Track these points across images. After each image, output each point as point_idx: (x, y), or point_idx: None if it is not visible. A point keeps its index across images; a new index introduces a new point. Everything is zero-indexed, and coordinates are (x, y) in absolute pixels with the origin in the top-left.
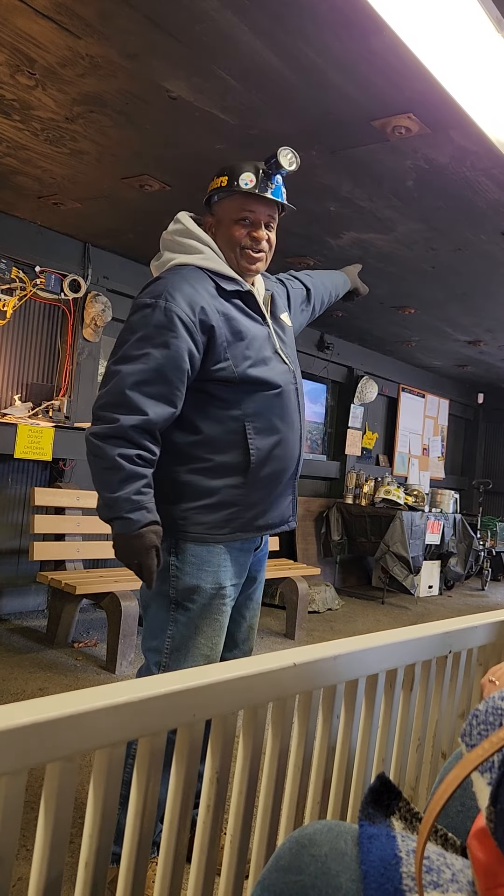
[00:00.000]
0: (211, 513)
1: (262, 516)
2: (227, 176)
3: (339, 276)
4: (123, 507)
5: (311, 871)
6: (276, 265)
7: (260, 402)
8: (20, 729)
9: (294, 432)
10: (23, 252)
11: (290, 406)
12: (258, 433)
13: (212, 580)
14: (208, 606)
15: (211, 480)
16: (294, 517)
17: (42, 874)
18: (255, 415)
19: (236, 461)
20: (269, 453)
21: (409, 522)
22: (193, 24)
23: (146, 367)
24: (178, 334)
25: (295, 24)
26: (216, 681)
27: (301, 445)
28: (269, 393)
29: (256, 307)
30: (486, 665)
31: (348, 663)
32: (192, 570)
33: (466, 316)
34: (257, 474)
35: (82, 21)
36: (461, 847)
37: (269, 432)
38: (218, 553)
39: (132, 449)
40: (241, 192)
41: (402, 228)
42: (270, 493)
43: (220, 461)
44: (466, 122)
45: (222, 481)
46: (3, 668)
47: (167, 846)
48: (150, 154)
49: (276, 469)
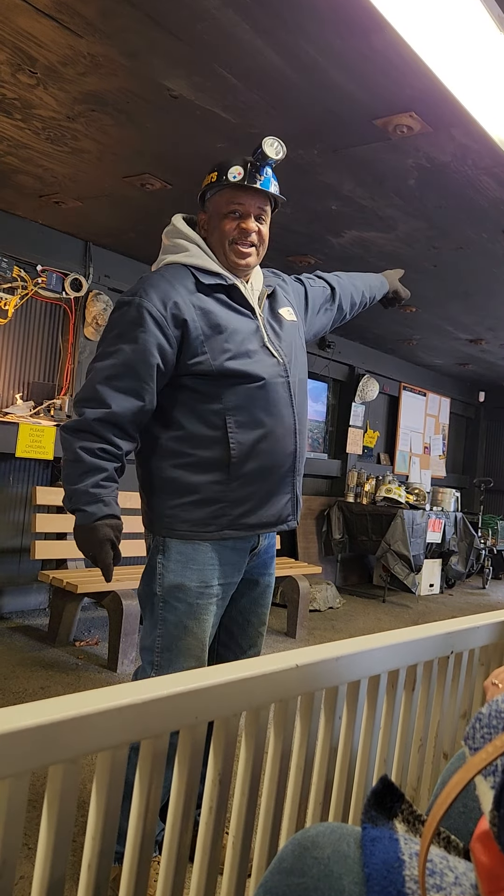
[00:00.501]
0: (195, 509)
1: (251, 514)
2: (216, 171)
3: (376, 279)
4: (81, 498)
5: (314, 873)
6: (278, 264)
7: (241, 396)
8: (22, 731)
9: (284, 427)
10: (24, 251)
11: (278, 400)
12: (240, 427)
13: (197, 578)
14: (195, 605)
15: (193, 476)
16: (295, 516)
17: (45, 875)
18: (236, 408)
19: (217, 456)
20: (252, 448)
21: (410, 521)
22: (194, 23)
23: (116, 361)
24: (147, 329)
25: (296, 22)
26: (218, 683)
27: (297, 441)
28: (251, 386)
29: (243, 301)
30: (489, 665)
31: (350, 664)
32: (178, 567)
33: (468, 314)
34: (240, 469)
35: (83, 20)
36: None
37: (251, 426)
38: (204, 551)
39: (95, 442)
40: (230, 184)
41: (404, 227)
42: (260, 490)
43: (202, 456)
44: (468, 120)
45: (204, 477)
46: (4, 667)
47: (170, 846)
48: (152, 153)
49: (262, 464)
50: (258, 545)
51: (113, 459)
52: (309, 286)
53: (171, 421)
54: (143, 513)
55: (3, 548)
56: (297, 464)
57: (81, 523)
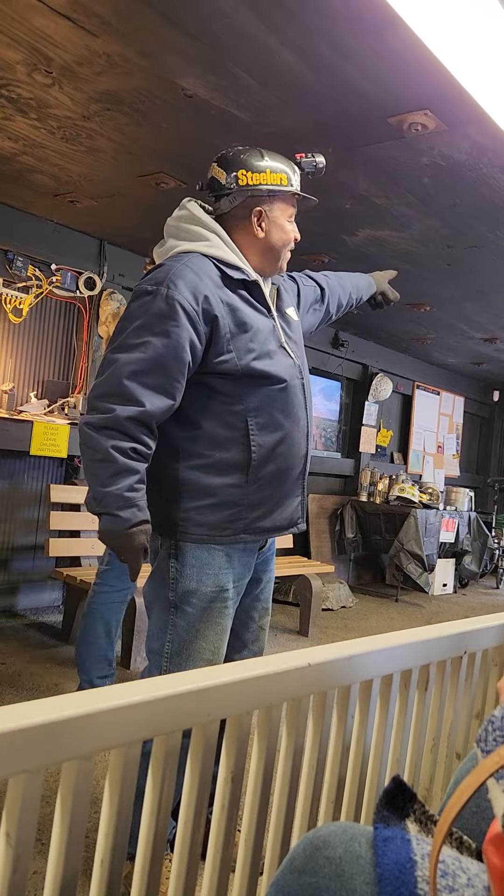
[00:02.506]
0: (212, 513)
1: (266, 517)
2: (285, 174)
3: (363, 279)
4: (114, 503)
5: (326, 873)
6: (292, 262)
7: (263, 397)
8: (36, 728)
9: (299, 429)
10: (39, 250)
11: (296, 402)
12: (261, 429)
13: (212, 583)
14: (209, 609)
15: (211, 478)
16: (303, 519)
17: (59, 871)
18: (257, 410)
19: (237, 458)
20: (272, 451)
21: (423, 520)
22: (210, 22)
23: (144, 356)
24: (180, 323)
25: (310, 20)
26: (231, 681)
27: (308, 443)
28: (274, 388)
29: (262, 299)
30: (502, 666)
31: (363, 663)
32: (193, 572)
33: (482, 313)
34: (259, 472)
35: (99, 19)
36: (476, 851)
37: (272, 429)
38: (219, 555)
39: (127, 441)
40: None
41: (418, 226)
42: (275, 494)
43: (220, 457)
44: (483, 118)
45: (222, 479)
46: (18, 664)
47: (182, 843)
48: (166, 152)
49: (280, 468)
50: (266, 544)
51: (144, 461)
52: (301, 284)
53: (188, 421)
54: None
55: (17, 545)
56: (306, 466)
57: (114, 528)
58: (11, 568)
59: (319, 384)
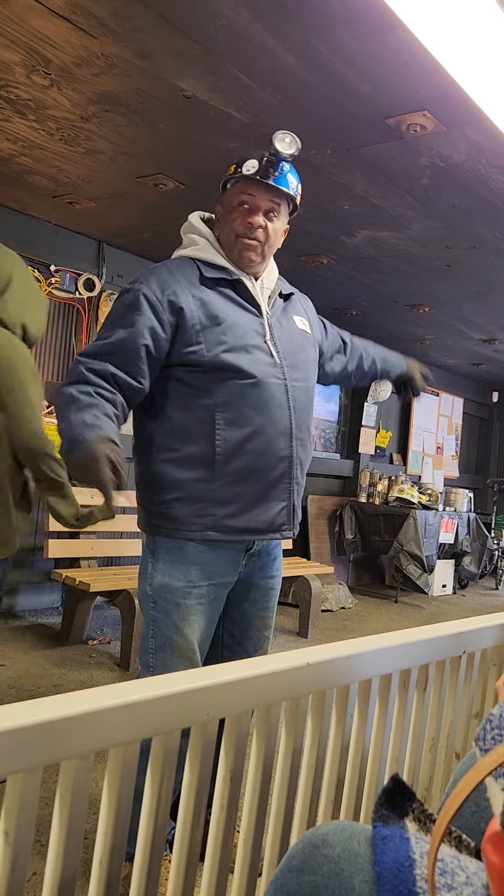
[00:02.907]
0: (179, 507)
1: (237, 517)
2: (235, 164)
3: (394, 355)
4: (76, 430)
5: (324, 871)
6: (291, 264)
7: (232, 392)
8: (35, 727)
9: (277, 429)
10: (38, 251)
11: (272, 401)
12: (228, 424)
13: (184, 578)
14: (183, 605)
15: (179, 471)
16: (290, 526)
17: (57, 871)
18: (225, 404)
19: (203, 452)
20: (238, 446)
21: (422, 521)
22: (208, 23)
23: (111, 341)
24: (142, 312)
25: (309, 21)
26: (230, 680)
27: (294, 447)
28: (244, 382)
29: (249, 297)
30: (501, 665)
31: (362, 663)
32: (165, 567)
33: (481, 314)
34: (225, 467)
35: (97, 20)
36: (475, 849)
37: (240, 424)
38: (191, 551)
39: (89, 386)
40: (244, 177)
41: (417, 227)
42: (247, 493)
43: (188, 451)
44: (482, 119)
45: (189, 473)
46: (18, 665)
47: (181, 844)
48: (165, 153)
49: (250, 465)
50: (253, 546)
51: (110, 401)
52: (329, 327)
53: (162, 414)
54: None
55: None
56: (293, 470)
57: (80, 454)
58: (11, 569)
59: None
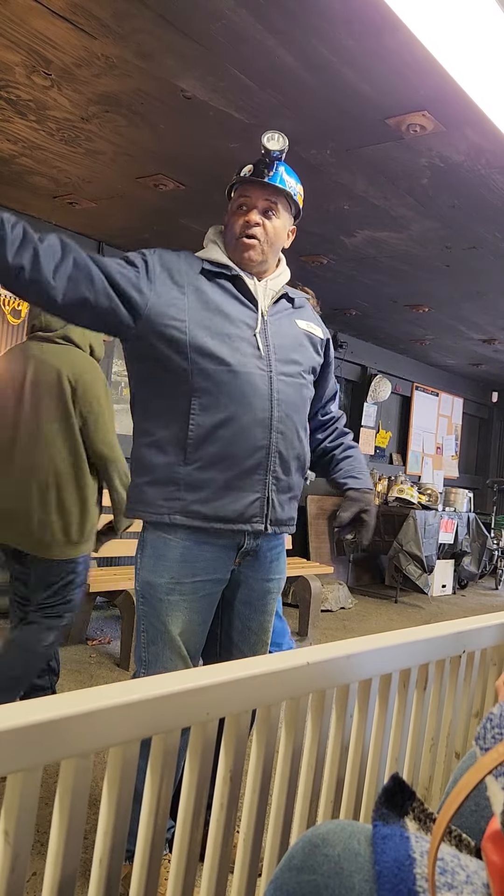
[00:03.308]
0: (151, 489)
1: (206, 503)
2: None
3: (358, 462)
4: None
5: (324, 870)
6: (291, 264)
7: (211, 380)
8: (35, 726)
9: (253, 417)
10: None
11: (250, 390)
12: (203, 410)
13: (167, 574)
14: (168, 602)
15: (154, 455)
16: (262, 520)
17: (57, 870)
18: (202, 390)
19: (176, 436)
20: (211, 431)
21: (422, 521)
22: (208, 24)
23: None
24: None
25: (309, 22)
26: (230, 679)
27: (273, 439)
28: (220, 368)
29: (247, 292)
30: (501, 665)
31: (362, 662)
32: (150, 563)
33: (481, 314)
34: (196, 452)
35: (98, 21)
36: (475, 848)
37: (214, 410)
38: (175, 547)
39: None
40: (240, 180)
41: (417, 227)
42: (218, 479)
43: (162, 435)
44: (481, 119)
45: (163, 457)
46: None
47: (181, 843)
48: (165, 154)
49: (222, 451)
50: (244, 544)
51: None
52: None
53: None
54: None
55: None
56: (270, 463)
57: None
58: None
59: None
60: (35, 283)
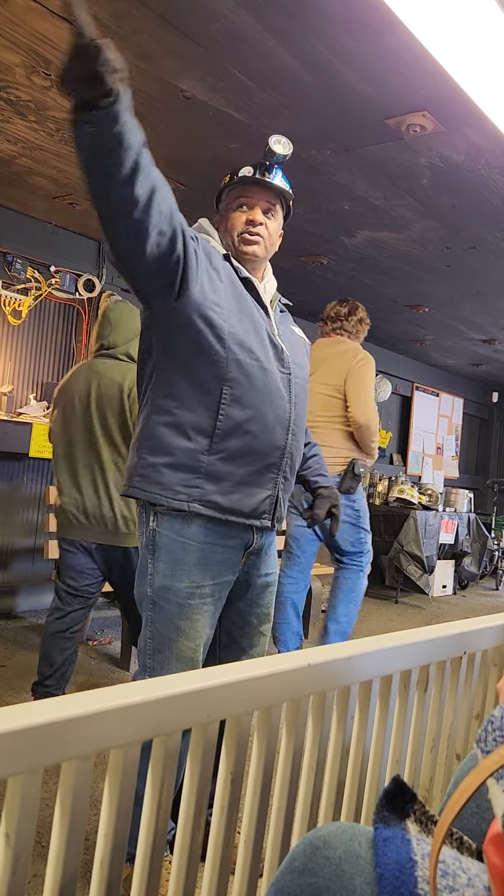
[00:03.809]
0: (171, 471)
1: (224, 495)
2: (229, 174)
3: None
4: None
5: (326, 873)
6: (291, 264)
7: (243, 369)
8: (36, 728)
9: (277, 419)
10: (38, 252)
11: (274, 389)
12: (233, 401)
13: (187, 578)
14: (185, 606)
15: (174, 437)
16: (271, 517)
17: (58, 872)
18: (234, 381)
19: (203, 423)
20: (239, 425)
21: (422, 522)
22: (208, 24)
23: None
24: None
25: (309, 22)
26: (230, 681)
27: (289, 441)
28: (254, 363)
29: (256, 294)
30: (502, 666)
31: (362, 664)
32: (167, 568)
33: (481, 314)
34: (222, 443)
35: (97, 22)
36: (477, 851)
37: (244, 403)
38: (192, 550)
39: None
40: (240, 180)
41: (417, 227)
42: (237, 472)
43: (187, 419)
44: (481, 119)
45: (185, 442)
46: (18, 666)
47: (182, 845)
48: (165, 154)
49: (249, 446)
50: (253, 543)
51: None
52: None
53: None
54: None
55: (17, 547)
56: (284, 462)
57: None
58: (11, 570)
59: None
60: (138, 222)
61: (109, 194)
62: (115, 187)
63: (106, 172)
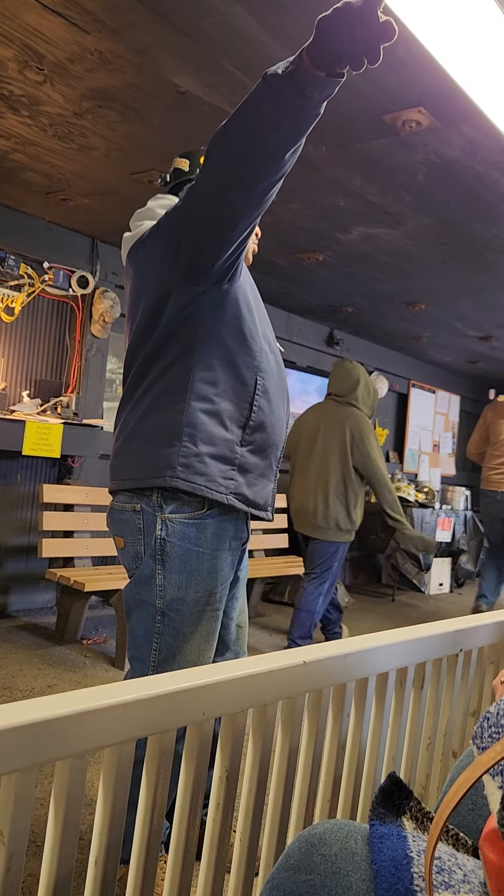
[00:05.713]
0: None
1: (250, 487)
2: None
3: None
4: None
5: (321, 870)
6: (286, 261)
7: (267, 362)
8: (30, 726)
9: (283, 412)
10: (31, 248)
11: (282, 385)
12: (263, 393)
13: (202, 588)
14: (198, 614)
15: (215, 427)
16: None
17: (52, 871)
18: (265, 372)
19: (239, 414)
20: (266, 417)
21: (419, 519)
22: (202, 18)
23: None
24: None
25: (303, 16)
26: (226, 679)
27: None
28: (272, 357)
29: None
30: (497, 663)
31: (358, 661)
32: (181, 580)
33: (477, 311)
34: (253, 434)
35: (90, 16)
36: (473, 847)
37: (269, 396)
38: (206, 559)
39: None
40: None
41: (413, 223)
42: (259, 465)
43: (224, 408)
44: (477, 115)
45: (224, 432)
46: (12, 665)
47: (177, 843)
48: (159, 149)
49: (268, 439)
50: (248, 538)
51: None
52: None
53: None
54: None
55: (10, 546)
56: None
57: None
58: (4, 569)
59: (314, 383)
60: (264, 200)
61: (284, 165)
62: (290, 159)
63: (297, 147)
